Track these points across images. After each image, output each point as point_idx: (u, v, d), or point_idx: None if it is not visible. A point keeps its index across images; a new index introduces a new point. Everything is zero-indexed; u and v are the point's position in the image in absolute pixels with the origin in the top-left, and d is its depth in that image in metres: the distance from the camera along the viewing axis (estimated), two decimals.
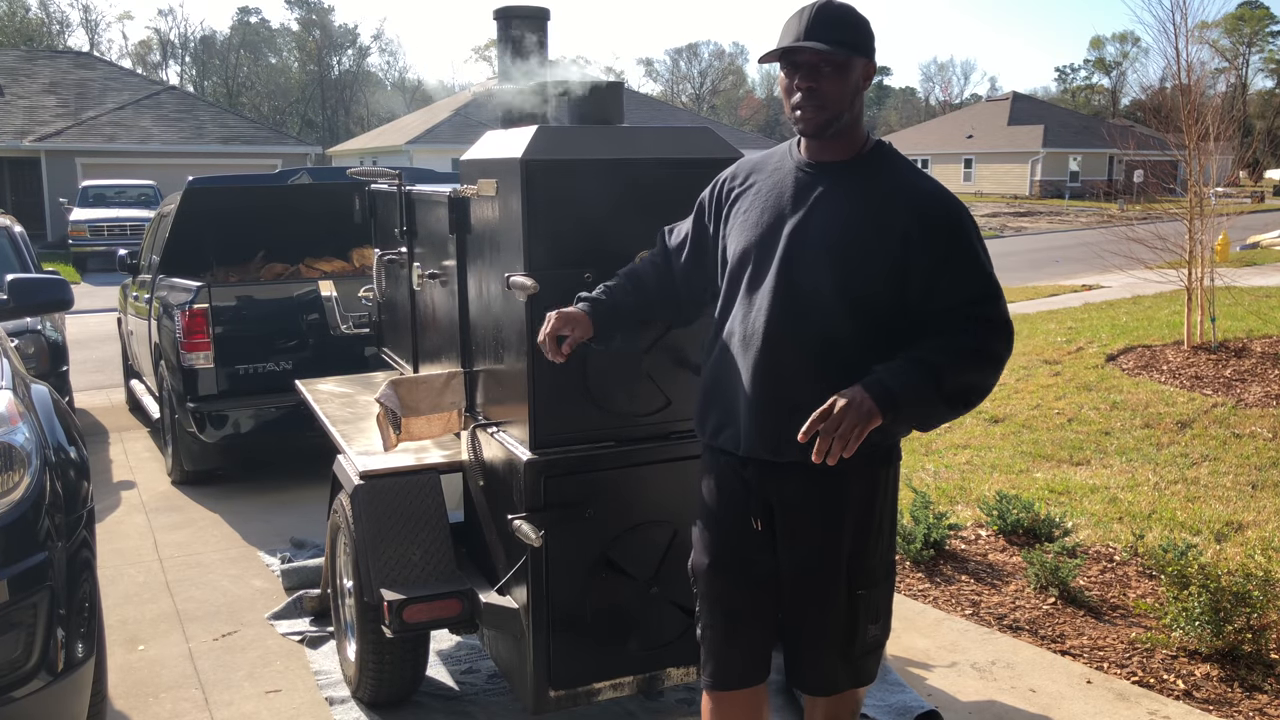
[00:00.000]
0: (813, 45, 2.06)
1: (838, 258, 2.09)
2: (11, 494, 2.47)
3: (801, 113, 2.12)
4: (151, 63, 67.59)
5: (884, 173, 2.16)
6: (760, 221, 2.21)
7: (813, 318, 2.11)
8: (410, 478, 3.15)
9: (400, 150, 31.95)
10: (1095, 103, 77.64)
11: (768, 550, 2.25)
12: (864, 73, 2.13)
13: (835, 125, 2.13)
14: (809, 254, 2.12)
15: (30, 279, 3.83)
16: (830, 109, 2.11)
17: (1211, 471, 5.64)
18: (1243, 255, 19.05)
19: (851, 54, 2.09)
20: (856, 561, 2.20)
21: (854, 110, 2.14)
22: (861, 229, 2.10)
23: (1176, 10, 8.91)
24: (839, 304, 2.09)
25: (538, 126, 2.73)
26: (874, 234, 2.09)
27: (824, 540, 2.19)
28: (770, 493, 2.21)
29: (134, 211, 20.36)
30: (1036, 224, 32.03)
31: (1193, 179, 9.00)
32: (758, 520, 2.24)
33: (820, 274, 2.10)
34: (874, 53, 2.17)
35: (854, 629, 2.22)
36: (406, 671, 3.25)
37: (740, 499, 2.26)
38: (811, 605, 2.22)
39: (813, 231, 2.13)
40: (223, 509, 5.63)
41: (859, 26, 2.12)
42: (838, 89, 2.10)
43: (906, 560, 4.43)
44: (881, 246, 2.08)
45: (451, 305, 3.29)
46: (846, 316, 2.10)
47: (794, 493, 2.18)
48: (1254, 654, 3.47)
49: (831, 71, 2.09)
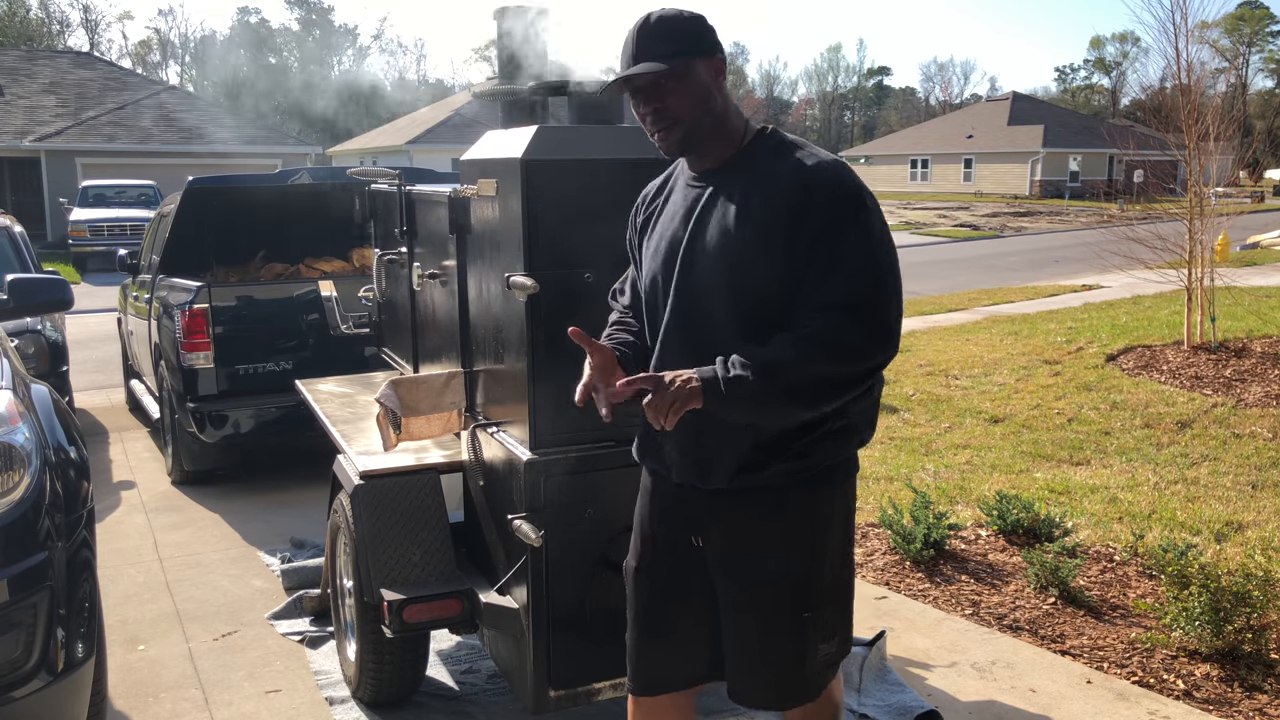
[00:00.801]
0: (644, 69, 1.98)
1: (730, 266, 1.98)
2: (11, 494, 2.47)
3: (658, 135, 2.05)
4: (151, 63, 67.64)
5: (767, 161, 2.04)
6: (659, 249, 2.12)
7: (710, 340, 1.99)
8: (410, 478, 3.15)
9: (400, 150, 31.97)
10: (1095, 103, 77.67)
11: (701, 566, 2.17)
12: (711, 71, 2.04)
13: (696, 135, 2.04)
14: (701, 272, 2.03)
15: (30, 279, 3.83)
16: (684, 123, 2.03)
17: (1211, 471, 5.64)
18: (1243, 255, 19.06)
19: (688, 60, 2.00)
20: (800, 585, 2.10)
21: (716, 111, 2.05)
22: (747, 228, 1.98)
23: (1176, 10, 8.92)
24: (736, 318, 1.99)
25: (538, 126, 2.73)
26: (761, 228, 1.96)
27: (762, 565, 2.09)
28: (704, 514, 2.14)
29: (134, 211, 20.37)
30: (1036, 224, 32.03)
31: (1193, 179, 9.00)
32: (697, 538, 2.16)
33: (714, 291, 2.01)
34: (715, 46, 2.06)
35: (804, 650, 2.12)
36: (406, 671, 3.25)
37: (675, 516, 2.20)
38: (753, 630, 2.13)
39: (701, 248, 2.03)
40: (223, 509, 5.63)
41: (688, 30, 2.03)
42: (684, 101, 2.01)
43: (906, 560, 4.43)
44: (770, 239, 1.95)
45: (451, 305, 3.30)
46: (747, 329, 1.97)
47: (728, 517, 2.11)
48: (1254, 654, 3.47)
49: (673, 85, 2.00)
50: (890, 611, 4.03)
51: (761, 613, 2.12)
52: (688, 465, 2.11)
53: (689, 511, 2.16)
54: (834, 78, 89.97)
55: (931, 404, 7.44)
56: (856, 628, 3.79)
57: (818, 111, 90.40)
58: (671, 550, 2.21)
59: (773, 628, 2.12)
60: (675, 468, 2.14)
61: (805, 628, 2.12)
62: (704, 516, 2.14)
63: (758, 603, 2.12)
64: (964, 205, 41.19)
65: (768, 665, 2.15)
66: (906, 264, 11.89)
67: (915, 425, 6.86)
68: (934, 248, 24.82)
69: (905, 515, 4.54)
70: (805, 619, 2.11)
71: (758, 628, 2.13)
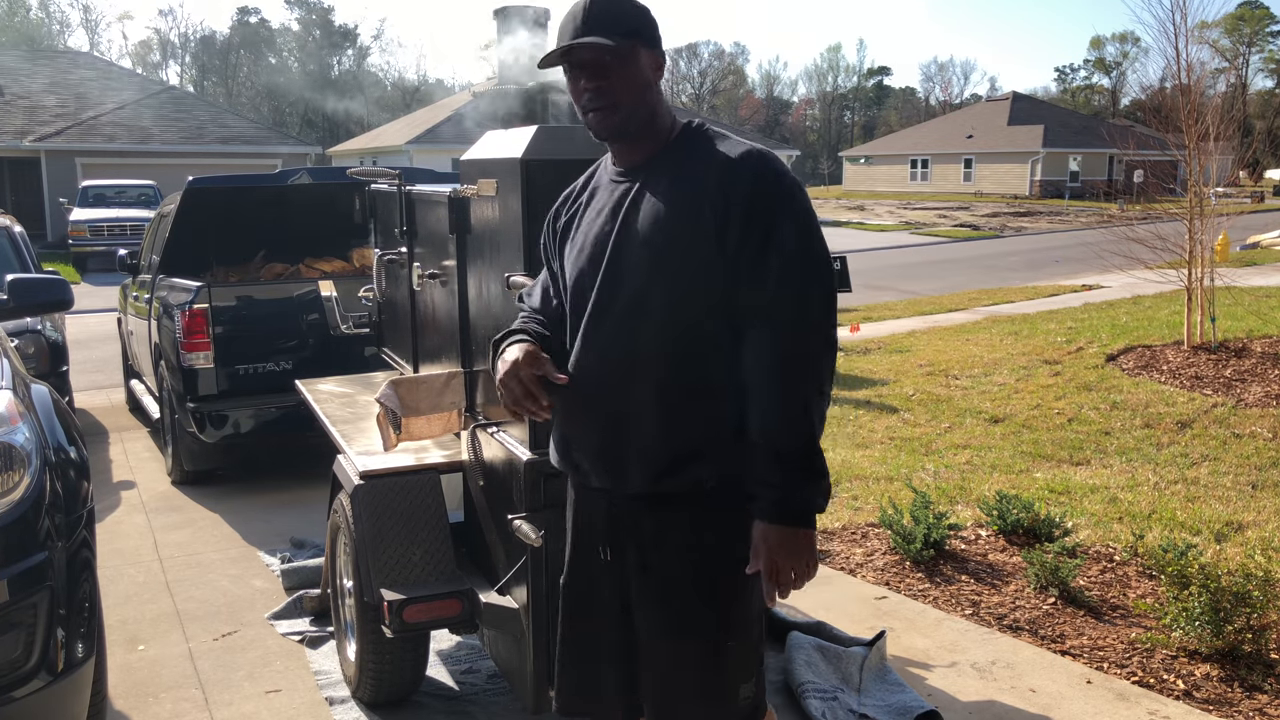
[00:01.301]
0: (591, 40, 1.92)
1: (659, 256, 1.92)
2: (11, 494, 2.47)
3: (594, 115, 1.98)
4: (151, 63, 67.64)
5: (693, 154, 1.98)
6: (585, 246, 2.05)
7: (635, 331, 1.94)
8: (410, 478, 3.15)
9: (400, 150, 31.95)
10: (1095, 103, 77.67)
11: (616, 583, 2.05)
12: (652, 64, 2.00)
13: (633, 122, 1.98)
14: (630, 264, 1.96)
15: (30, 279, 3.83)
16: (624, 106, 1.96)
17: (1211, 471, 5.64)
18: (1243, 255, 19.06)
19: (634, 41, 1.95)
20: (724, 610, 1.98)
21: (649, 103, 1.99)
22: (674, 222, 1.92)
23: (1176, 10, 8.93)
24: (664, 308, 1.92)
25: (538, 126, 2.73)
26: (687, 221, 1.91)
27: (689, 584, 1.97)
28: (619, 527, 2.03)
29: (134, 211, 20.37)
30: (1036, 224, 32.03)
31: (1193, 179, 9.00)
32: (606, 550, 2.05)
33: (644, 281, 1.94)
34: (659, 42, 2.02)
35: (723, 687, 1.99)
36: (406, 671, 3.25)
37: (589, 525, 2.10)
38: (671, 662, 1.99)
39: (629, 240, 1.97)
40: (223, 509, 5.63)
41: (637, 15, 1.98)
42: (625, 82, 1.95)
43: (906, 560, 4.44)
44: (697, 231, 1.90)
45: (451, 305, 3.30)
46: (675, 318, 1.92)
47: (650, 527, 1.99)
48: (1254, 654, 3.47)
49: (617, 65, 1.94)
50: (890, 611, 4.03)
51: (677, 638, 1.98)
52: (607, 469, 2.01)
53: (603, 518, 2.06)
54: (834, 78, 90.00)
55: (931, 404, 7.45)
56: (856, 628, 3.80)
57: (818, 112, 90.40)
58: (588, 564, 2.11)
59: (688, 657, 1.98)
60: (595, 472, 2.03)
61: (725, 660, 1.98)
62: (620, 524, 2.03)
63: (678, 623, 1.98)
64: (964, 205, 41.21)
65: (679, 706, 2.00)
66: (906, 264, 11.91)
67: (915, 425, 6.86)
68: (934, 248, 24.82)
69: (905, 515, 4.54)
70: (728, 647, 1.98)
71: (670, 656, 1.99)
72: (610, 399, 1.97)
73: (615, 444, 1.99)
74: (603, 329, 1.99)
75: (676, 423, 1.94)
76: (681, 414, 1.94)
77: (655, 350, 1.94)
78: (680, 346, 1.93)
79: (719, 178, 1.91)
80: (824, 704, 3.18)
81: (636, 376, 1.95)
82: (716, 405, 1.93)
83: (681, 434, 1.94)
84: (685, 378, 1.93)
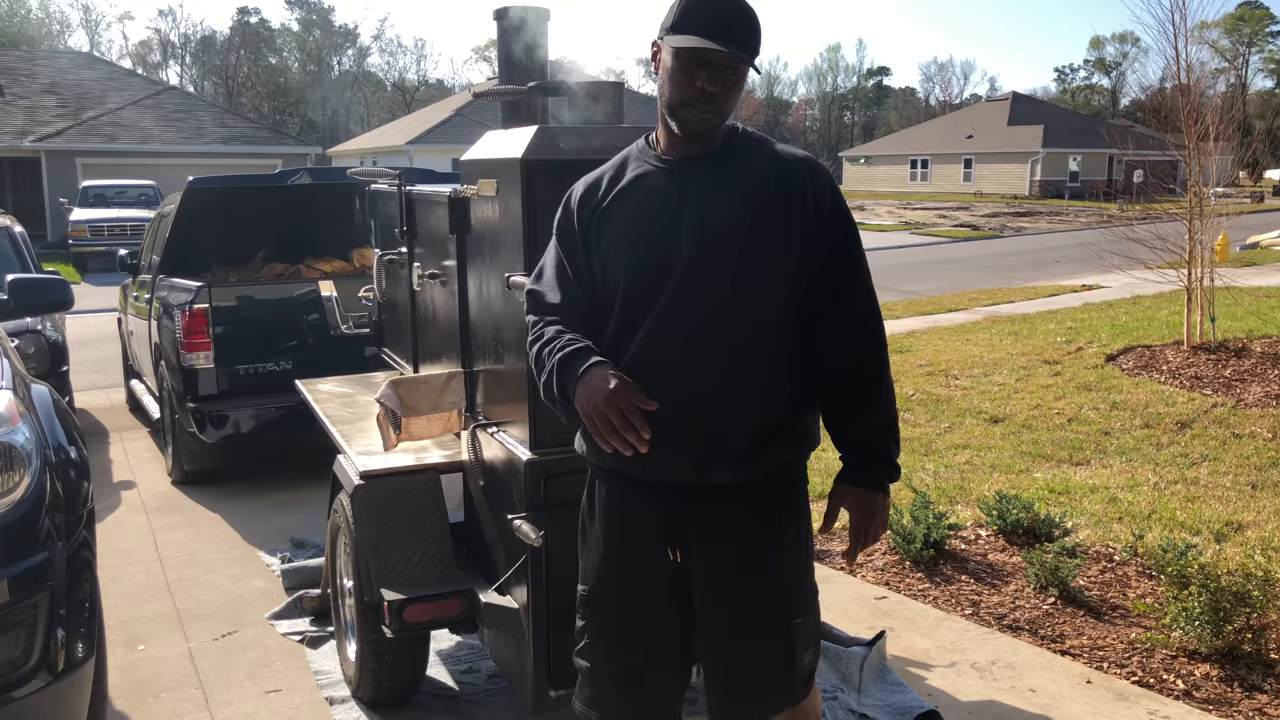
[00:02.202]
0: (734, 51, 1.94)
1: (748, 244, 1.98)
2: (11, 494, 2.48)
3: (696, 112, 1.99)
4: (151, 63, 67.64)
5: (751, 150, 2.07)
6: (644, 235, 2.04)
7: (717, 327, 1.99)
8: (410, 478, 3.15)
9: (400, 150, 31.96)
10: (1095, 103, 77.70)
11: (674, 576, 2.09)
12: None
13: (720, 128, 2.05)
14: (716, 249, 1.99)
15: (30, 279, 3.84)
16: (724, 113, 2.02)
17: (1211, 471, 5.64)
18: (1242, 255, 19.06)
19: (753, 63, 2.00)
20: (791, 588, 2.11)
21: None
22: (761, 212, 2.00)
23: (1176, 10, 8.92)
24: (744, 304, 1.99)
25: (538, 126, 2.73)
26: (773, 213, 2.00)
27: (758, 566, 2.06)
28: (686, 520, 2.06)
29: (134, 211, 20.36)
30: (1036, 224, 32.02)
31: (1192, 179, 9.00)
32: (675, 553, 2.08)
33: (731, 274, 1.98)
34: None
35: (791, 661, 2.11)
36: (406, 671, 3.25)
37: (649, 528, 2.09)
38: (747, 639, 2.08)
39: (710, 225, 1.99)
40: (223, 509, 5.63)
41: (760, 34, 2.02)
42: (734, 95, 2.02)
43: (906, 560, 4.43)
44: (783, 223, 2.00)
45: (451, 305, 3.30)
46: (762, 315, 2.00)
47: (717, 518, 2.05)
48: (1254, 654, 3.47)
49: (736, 80, 2.00)
50: (890, 611, 4.03)
51: (756, 619, 2.08)
52: (688, 462, 2.01)
53: (664, 517, 2.07)
54: (834, 78, 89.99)
55: (931, 404, 7.44)
56: (856, 628, 3.80)
57: (817, 112, 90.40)
58: (647, 566, 2.10)
59: (764, 634, 2.09)
60: (663, 465, 2.01)
61: (794, 634, 2.11)
62: (686, 520, 2.06)
63: (751, 608, 2.08)
64: (964, 205, 41.21)
65: (758, 679, 2.11)
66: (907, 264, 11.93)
67: (915, 425, 6.87)
68: (934, 248, 24.81)
69: (905, 515, 4.54)
70: (796, 624, 2.11)
71: (752, 636, 2.09)
72: (688, 392, 1.99)
73: (693, 435, 2.00)
74: (680, 322, 2.00)
75: (755, 410, 2.02)
76: (760, 402, 2.02)
77: (735, 341, 2.00)
78: (758, 336, 2.01)
79: (786, 179, 2.03)
80: (824, 704, 3.18)
81: (715, 368, 1.99)
82: (787, 391, 2.05)
83: (759, 421, 2.02)
84: (762, 367, 2.02)
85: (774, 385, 2.03)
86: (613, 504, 2.14)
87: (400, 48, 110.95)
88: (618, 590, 2.14)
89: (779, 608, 2.10)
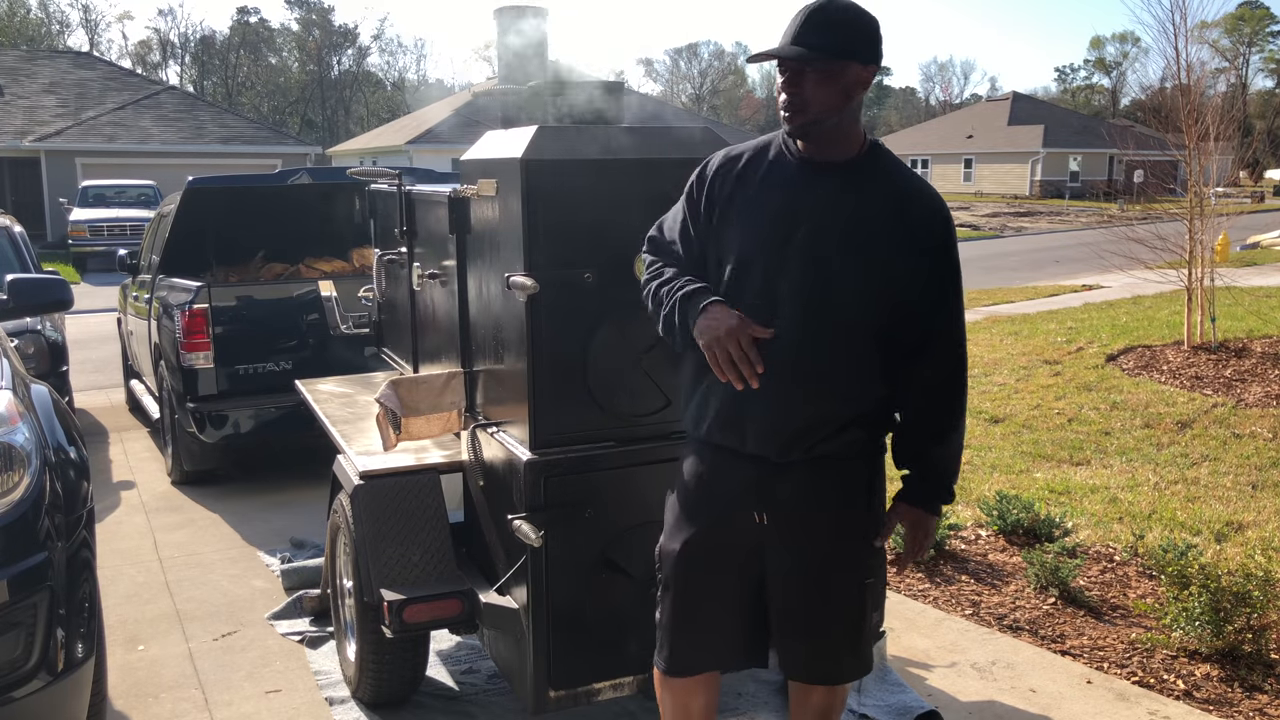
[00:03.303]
0: (793, 51, 2.05)
1: (862, 259, 2.11)
2: (11, 494, 2.47)
3: (785, 113, 2.11)
4: (151, 63, 67.60)
5: (888, 175, 2.18)
6: (768, 218, 2.15)
7: (838, 321, 2.13)
8: (410, 478, 3.15)
9: (400, 150, 31.94)
10: (1095, 103, 77.67)
11: (757, 545, 2.24)
12: (858, 76, 2.08)
13: (820, 127, 2.10)
14: (832, 254, 2.11)
15: (30, 279, 3.83)
16: (812, 112, 2.08)
17: (1211, 471, 5.64)
18: (1243, 255, 19.05)
19: (837, 59, 2.04)
20: (862, 549, 2.26)
21: (845, 113, 2.10)
22: (881, 231, 2.12)
23: (1176, 10, 8.92)
24: (862, 308, 2.13)
25: (538, 126, 2.73)
26: (891, 236, 2.12)
27: (837, 533, 2.23)
28: (775, 489, 2.20)
29: (134, 211, 20.35)
30: (1036, 224, 32.02)
31: (1193, 179, 9.00)
32: (761, 515, 2.22)
33: (846, 275, 2.11)
34: (873, 55, 2.10)
35: (862, 618, 2.27)
36: (406, 671, 3.25)
37: (738, 493, 2.24)
38: (824, 599, 2.23)
39: (832, 231, 2.11)
40: (223, 509, 5.63)
41: (855, 28, 2.06)
42: (822, 93, 2.05)
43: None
44: (899, 248, 2.12)
45: (451, 305, 3.29)
46: (867, 321, 2.15)
47: (802, 488, 2.20)
48: (1254, 654, 3.47)
49: (816, 76, 2.05)
50: (890, 611, 4.03)
51: (834, 581, 2.23)
52: (779, 440, 2.17)
53: (753, 485, 2.22)
54: None
55: None
56: None
57: None
58: (732, 530, 2.26)
59: (843, 595, 2.24)
60: (757, 439, 2.18)
61: (865, 594, 2.26)
62: (772, 488, 2.21)
63: (830, 572, 2.23)
64: (964, 205, 41.17)
65: (833, 635, 2.26)
66: None
67: None
68: None
69: None
70: (867, 584, 2.27)
71: (829, 597, 2.23)
72: (790, 378, 2.13)
73: (792, 420, 2.16)
74: (791, 310, 2.13)
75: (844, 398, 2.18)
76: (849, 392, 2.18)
77: (827, 341, 2.14)
78: (848, 341, 2.15)
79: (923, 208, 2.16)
80: None
81: (818, 360, 2.14)
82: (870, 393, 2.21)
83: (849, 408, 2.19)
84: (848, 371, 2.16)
85: (858, 390, 2.18)
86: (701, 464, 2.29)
87: (400, 48, 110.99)
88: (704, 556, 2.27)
89: (853, 570, 2.25)
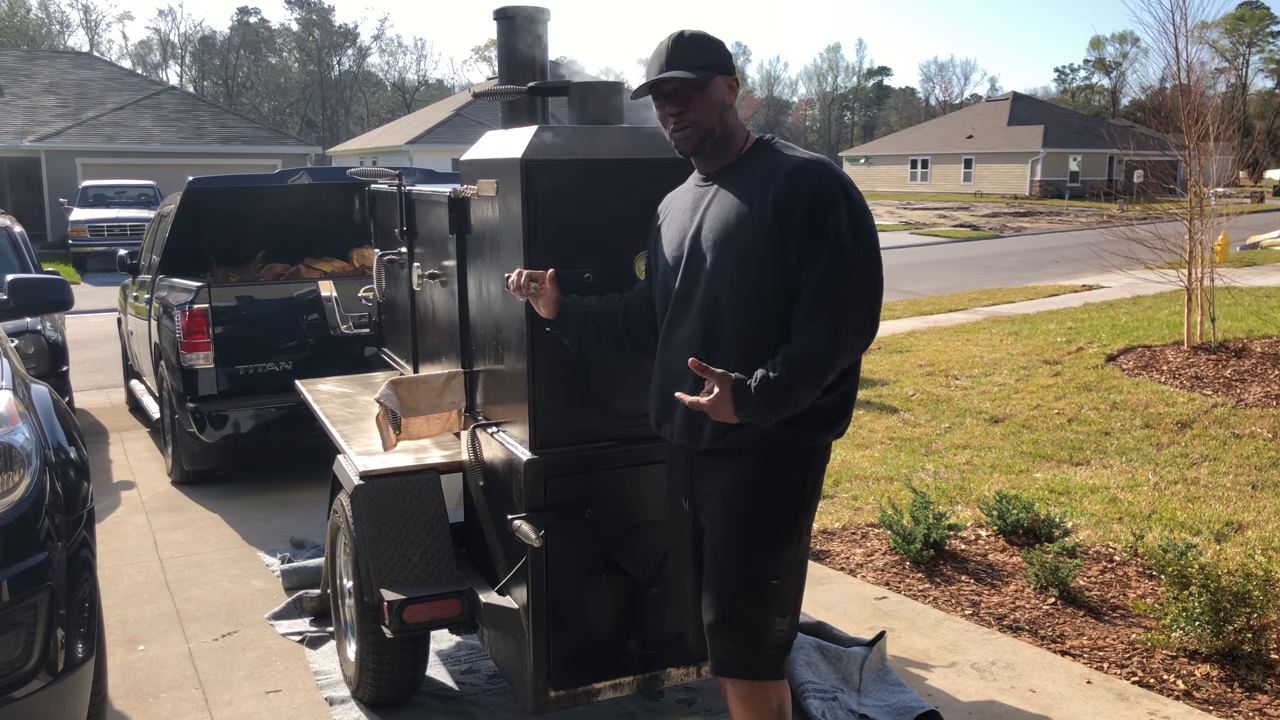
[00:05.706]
0: (674, 75, 2.27)
1: (729, 248, 2.25)
2: (11, 494, 2.47)
3: (676, 137, 2.34)
4: (151, 63, 67.64)
5: (763, 162, 2.31)
6: (671, 240, 2.42)
7: (733, 318, 2.25)
8: (410, 478, 3.15)
9: (400, 150, 31.96)
10: (1095, 103, 77.67)
11: (691, 529, 2.42)
12: (727, 88, 2.33)
13: (710, 140, 2.33)
14: (704, 255, 2.29)
15: (30, 279, 3.83)
16: (702, 127, 2.31)
17: (1211, 471, 5.64)
18: (1243, 255, 19.05)
19: (711, 74, 2.30)
20: (769, 549, 2.29)
21: (725, 123, 2.33)
22: (744, 218, 2.24)
23: (1176, 10, 8.93)
24: (747, 302, 2.24)
25: (538, 126, 2.73)
26: (753, 218, 2.23)
27: (737, 522, 2.29)
28: (694, 477, 2.39)
29: (134, 211, 20.37)
30: (1036, 224, 32.02)
31: (1193, 179, 9.00)
32: (686, 500, 2.43)
33: (717, 272, 2.26)
34: (732, 68, 2.37)
35: (766, 617, 2.29)
36: (406, 671, 3.25)
37: (679, 481, 2.45)
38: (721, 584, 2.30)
39: (705, 234, 2.30)
40: (223, 509, 5.63)
41: (713, 48, 2.33)
42: (704, 109, 2.30)
43: (906, 560, 4.43)
44: (761, 228, 2.21)
45: (451, 305, 3.29)
46: (746, 311, 2.24)
47: (710, 476, 2.34)
48: (1254, 654, 3.47)
49: (696, 95, 2.29)
50: (890, 611, 4.03)
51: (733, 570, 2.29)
52: (686, 431, 2.35)
53: (682, 473, 2.42)
54: (834, 78, 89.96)
55: (931, 404, 7.45)
56: (856, 628, 3.80)
57: (817, 112, 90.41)
58: (677, 518, 2.50)
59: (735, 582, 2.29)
60: (675, 432, 2.39)
61: (768, 594, 2.29)
62: (693, 475, 2.38)
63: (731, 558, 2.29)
64: (964, 205, 41.20)
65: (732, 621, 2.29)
66: (907, 264, 11.92)
67: (915, 425, 6.86)
68: (934, 248, 24.81)
69: (905, 515, 4.54)
70: (772, 585, 2.29)
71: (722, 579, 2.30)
72: (689, 374, 2.24)
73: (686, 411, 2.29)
74: (678, 318, 2.35)
75: None
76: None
77: (725, 334, 2.26)
78: (745, 331, 2.24)
79: (783, 177, 2.22)
80: (824, 704, 3.18)
81: (715, 357, 2.24)
82: None
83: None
84: (748, 357, 2.21)
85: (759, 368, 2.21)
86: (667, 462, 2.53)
87: (400, 48, 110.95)
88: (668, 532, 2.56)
89: (754, 565, 2.29)
